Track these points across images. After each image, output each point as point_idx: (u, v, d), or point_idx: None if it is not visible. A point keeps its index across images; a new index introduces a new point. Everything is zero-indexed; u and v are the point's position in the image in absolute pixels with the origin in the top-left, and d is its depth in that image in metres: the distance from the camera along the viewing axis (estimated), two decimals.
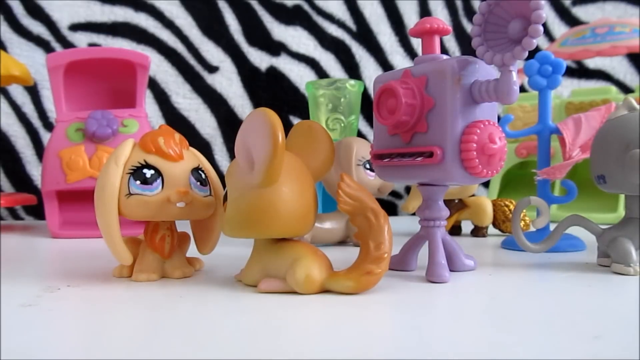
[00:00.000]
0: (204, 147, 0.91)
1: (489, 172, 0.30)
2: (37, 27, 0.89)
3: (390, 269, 0.34)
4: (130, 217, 0.32)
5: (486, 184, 0.85)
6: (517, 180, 0.80)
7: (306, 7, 0.94)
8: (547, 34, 0.96)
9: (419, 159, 0.31)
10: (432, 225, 0.34)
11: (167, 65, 0.91)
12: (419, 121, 0.31)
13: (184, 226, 0.35)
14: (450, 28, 0.34)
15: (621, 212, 0.67)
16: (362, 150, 0.48)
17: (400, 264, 0.35)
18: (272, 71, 0.93)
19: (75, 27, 0.90)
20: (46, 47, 0.89)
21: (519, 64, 0.31)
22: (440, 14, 0.96)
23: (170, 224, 0.34)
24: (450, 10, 0.96)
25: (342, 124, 0.58)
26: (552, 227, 0.39)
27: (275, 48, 0.93)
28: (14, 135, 0.89)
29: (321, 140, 0.32)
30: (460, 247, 0.35)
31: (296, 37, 0.94)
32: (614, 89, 0.74)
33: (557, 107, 0.74)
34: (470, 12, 0.96)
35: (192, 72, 0.92)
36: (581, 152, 0.43)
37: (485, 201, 0.56)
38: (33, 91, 0.89)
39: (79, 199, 0.62)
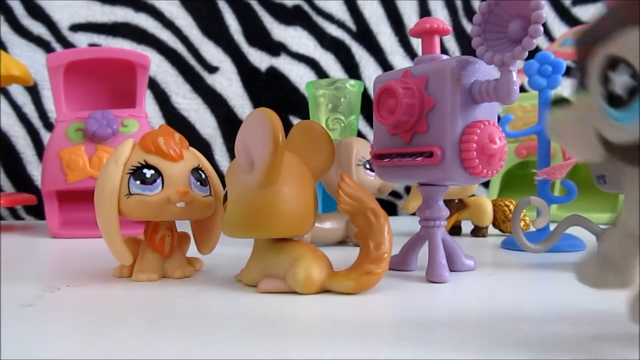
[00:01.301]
0: (204, 147, 0.91)
1: (489, 172, 0.30)
2: (37, 28, 0.89)
3: (390, 269, 0.34)
4: (130, 217, 0.32)
5: (486, 184, 0.85)
6: (517, 180, 0.80)
7: (306, 7, 0.94)
8: (547, 34, 0.96)
9: (419, 159, 0.31)
10: (432, 225, 0.34)
11: (167, 65, 0.91)
12: (419, 121, 0.31)
13: (184, 226, 0.35)
14: (450, 28, 0.34)
15: None
16: (362, 150, 0.48)
17: (400, 264, 0.35)
18: (272, 71, 0.93)
19: (76, 28, 0.90)
20: (46, 47, 0.89)
21: (519, 64, 0.31)
22: (440, 14, 0.96)
23: (170, 224, 0.34)
24: (450, 10, 0.96)
25: (342, 124, 0.58)
26: (552, 227, 0.39)
27: (275, 48, 0.93)
28: (14, 136, 0.89)
29: (321, 140, 0.32)
30: (460, 247, 0.35)
31: (296, 37, 0.94)
32: None
33: None
34: (470, 12, 0.96)
35: (192, 72, 0.92)
36: None
37: (485, 201, 0.56)
38: (33, 91, 0.89)
39: (79, 199, 0.62)
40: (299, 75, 0.93)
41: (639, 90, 0.15)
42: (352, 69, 0.94)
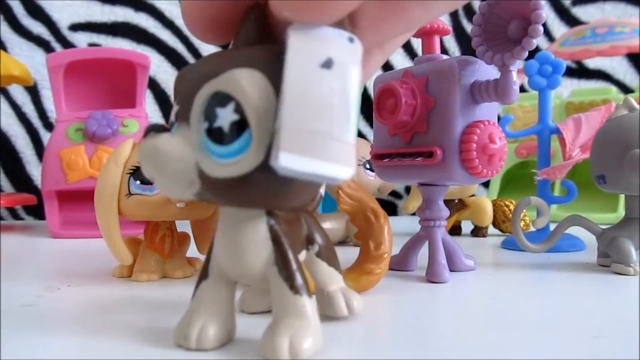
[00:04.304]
0: None
1: (489, 172, 0.30)
2: (37, 27, 0.89)
3: (390, 269, 0.34)
4: (130, 217, 0.32)
5: (486, 184, 0.85)
6: (517, 180, 0.80)
7: None
8: (547, 34, 0.96)
9: (419, 159, 0.31)
10: (432, 225, 0.34)
11: (167, 65, 0.91)
12: (419, 121, 0.31)
13: (184, 226, 0.35)
14: (450, 28, 0.34)
15: (621, 212, 0.67)
16: (362, 150, 0.48)
17: (400, 264, 0.35)
18: None
19: (75, 27, 0.90)
20: (46, 47, 0.89)
21: (519, 64, 0.31)
22: None
23: (170, 224, 0.34)
24: None
25: None
26: (552, 227, 0.39)
27: None
28: (14, 135, 0.89)
29: None
30: (460, 247, 0.35)
31: None
32: (614, 89, 0.74)
33: (557, 107, 0.74)
34: (470, 12, 0.96)
35: None
36: (581, 152, 0.43)
37: (485, 201, 0.56)
38: (33, 91, 0.89)
39: (79, 199, 0.62)
40: None
41: (246, 127, 0.16)
42: None
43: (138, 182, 0.31)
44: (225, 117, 0.16)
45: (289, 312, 0.18)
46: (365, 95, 0.63)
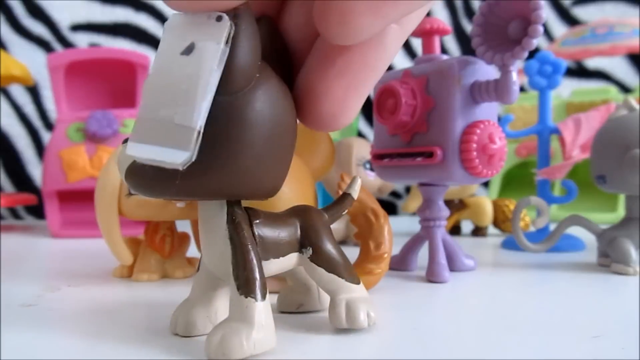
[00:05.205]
0: None
1: (489, 172, 0.30)
2: (37, 28, 0.89)
3: (390, 269, 0.34)
4: (130, 217, 0.32)
5: (486, 184, 0.85)
6: (517, 180, 0.80)
7: None
8: (547, 34, 0.96)
9: (419, 159, 0.31)
10: (432, 225, 0.34)
11: None
12: (419, 121, 0.31)
13: (184, 226, 0.35)
14: (450, 28, 0.34)
15: (621, 212, 0.67)
16: (362, 150, 0.48)
17: (400, 264, 0.35)
18: None
19: (76, 28, 0.90)
20: (47, 47, 0.89)
21: (519, 64, 0.31)
22: (440, 14, 0.96)
23: (170, 224, 0.34)
24: (450, 10, 0.96)
25: None
26: (552, 227, 0.39)
27: None
28: (14, 136, 0.89)
29: (321, 140, 0.32)
30: (460, 247, 0.35)
31: None
32: (613, 89, 0.74)
33: (557, 107, 0.74)
34: (470, 12, 0.96)
35: None
36: (581, 152, 0.43)
37: (485, 201, 0.56)
38: (34, 91, 0.89)
39: (80, 198, 0.62)
40: None
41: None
42: None
43: None
44: None
45: (233, 312, 0.18)
46: None
